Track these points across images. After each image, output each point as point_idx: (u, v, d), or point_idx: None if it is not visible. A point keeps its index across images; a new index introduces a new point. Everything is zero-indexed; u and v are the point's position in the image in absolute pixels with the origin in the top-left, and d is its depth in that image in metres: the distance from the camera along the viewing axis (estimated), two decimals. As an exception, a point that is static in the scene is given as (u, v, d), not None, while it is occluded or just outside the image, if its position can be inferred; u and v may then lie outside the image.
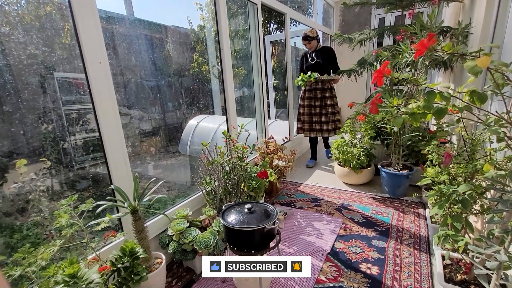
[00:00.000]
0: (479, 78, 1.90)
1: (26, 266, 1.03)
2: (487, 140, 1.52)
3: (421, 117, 0.91)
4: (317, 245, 1.92)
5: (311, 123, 3.42)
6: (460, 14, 2.65)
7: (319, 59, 3.26)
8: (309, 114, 3.41)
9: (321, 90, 3.32)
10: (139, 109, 3.24)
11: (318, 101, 3.34)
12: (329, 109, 3.34)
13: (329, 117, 3.35)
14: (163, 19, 3.38)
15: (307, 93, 3.39)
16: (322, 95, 3.32)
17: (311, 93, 3.36)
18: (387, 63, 1.00)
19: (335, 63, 3.30)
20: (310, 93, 3.37)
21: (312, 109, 3.39)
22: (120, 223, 1.58)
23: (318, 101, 3.34)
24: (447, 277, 1.35)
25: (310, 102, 3.39)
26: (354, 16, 5.41)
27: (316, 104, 3.35)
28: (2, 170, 1.60)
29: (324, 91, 3.32)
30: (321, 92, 3.32)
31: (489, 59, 0.76)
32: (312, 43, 3.21)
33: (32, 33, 1.79)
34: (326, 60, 3.25)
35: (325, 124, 3.38)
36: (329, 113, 3.34)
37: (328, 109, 3.34)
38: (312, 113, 3.40)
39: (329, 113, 3.34)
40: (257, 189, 2.13)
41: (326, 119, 3.36)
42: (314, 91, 3.33)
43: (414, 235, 1.98)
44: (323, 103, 3.35)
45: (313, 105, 3.37)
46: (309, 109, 3.39)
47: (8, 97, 1.65)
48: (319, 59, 3.26)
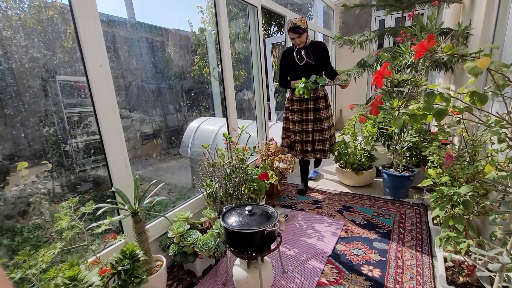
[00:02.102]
0: (479, 79, 1.90)
1: (27, 268, 1.03)
2: (488, 141, 1.52)
3: (422, 118, 0.91)
4: (318, 247, 1.91)
5: (303, 142, 2.67)
6: (460, 16, 2.65)
7: (310, 59, 2.46)
8: (301, 132, 2.66)
9: (314, 100, 2.55)
10: (140, 111, 3.25)
11: (312, 114, 2.58)
12: (325, 124, 2.60)
13: (326, 133, 2.61)
14: (164, 22, 3.41)
15: (296, 104, 2.61)
16: (316, 106, 2.57)
17: (301, 104, 2.59)
18: (387, 65, 1.00)
19: (330, 64, 2.59)
20: (300, 104, 2.60)
21: (304, 124, 2.64)
22: (120, 226, 1.58)
23: (312, 114, 2.58)
24: (449, 279, 1.34)
25: (301, 115, 2.62)
26: (354, 18, 5.43)
27: (309, 118, 2.59)
28: (3, 173, 1.61)
29: (318, 101, 2.55)
30: (315, 102, 2.56)
31: (489, 59, 0.76)
32: (303, 37, 2.41)
33: (34, 36, 1.80)
34: (319, 59, 2.49)
35: (321, 144, 2.64)
36: (326, 128, 2.60)
37: (324, 124, 2.59)
38: (304, 129, 2.64)
39: (325, 129, 2.60)
40: (258, 191, 2.13)
41: (322, 136, 2.62)
42: (306, 102, 2.57)
43: (416, 237, 1.96)
44: (317, 117, 2.59)
45: (305, 120, 2.62)
46: (301, 124, 2.64)
47: (9, 99, 1.66)
48: (310, 58, 2.46)
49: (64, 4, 1.91)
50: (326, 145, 2.63)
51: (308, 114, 2.59)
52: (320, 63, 2.51)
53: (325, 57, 2.52)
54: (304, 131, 2.64)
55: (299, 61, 2.49)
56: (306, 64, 2.48)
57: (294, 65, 2.53)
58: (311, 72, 2.41)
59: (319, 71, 2.52)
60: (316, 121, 2.61)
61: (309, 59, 2.46)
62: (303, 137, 2.66)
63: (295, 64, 2.53)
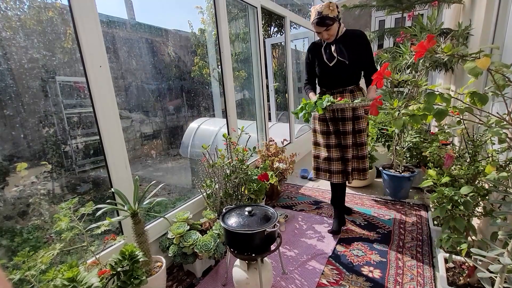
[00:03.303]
0: (479, 80, 1.90)
1: (26, 269, 1.02)
2: (488, 141, 1.51)
3: (422, 119, 0.90)
4: (319, 248, 1.91)
5: (337, 160, 1.98)
6: (460, 16, 2.65)
7: (342, 57, 1.82)
8: (335, 146, 1.97)
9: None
10: (140, 112, 3.25)
11: (349, 124, 1.90)
12: (364, 136, 1.95)
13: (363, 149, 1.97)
14: (164, 23, 3.41)
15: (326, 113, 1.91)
16: (353, 114, 1.90)
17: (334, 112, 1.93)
18: (387, 65, 0.99)
19: (372, 61, 1.87)
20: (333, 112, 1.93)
21: (337, 138, 1.97)
22: (120, 226, 1.57)
23: (349, 125, 1.90)
24: (450, 280, 1.34)
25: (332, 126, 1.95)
26: (355, 19, 5.43)
27: (346, 130, 1.92)
28: (3, 174, 1.61)
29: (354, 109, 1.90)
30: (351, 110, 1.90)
31: (489, 60, 0.76)
32: (332, 29, 1.77)
33: (34, 37, 1.80)
34: (356, 56, 1.83)
35: (355, 161, 2.01)
36: (363, 143, 1.96)
37: (362, 137, 1.95)
38: (337, 143, 1.97)
39: (363, 143, 1.96)
40: (258, 191, 2.12)
41: (356, 152, 1.98)
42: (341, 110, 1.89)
43: (416, 238, 1.96)
44: (354, 127, 1.92)
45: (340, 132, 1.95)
46: (333, 138, 1.97)
47: (9, 100, 1.66)
48: (343, 56, 1.82)
49: (64, 5, 1.91)
50: (359, 163, 2.00)
51: (343, 125, 1.92)
52: (357, 61, 1.84)
53: (365, 52, 1.83)
54: (338, 145, 1.97)
55: (328, 60, 1.86)
56: (338, 63, 1.85)
57: (323, 65, 1.90)
58: (345, 75, 1.87)
59: (357, 73, 1.90)
60: (352, 134, 1.93)
61: (341, 57, 1.82)
62: (338, 154, 1.98)
63: (323, 64, 1.89)
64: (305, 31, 4.66)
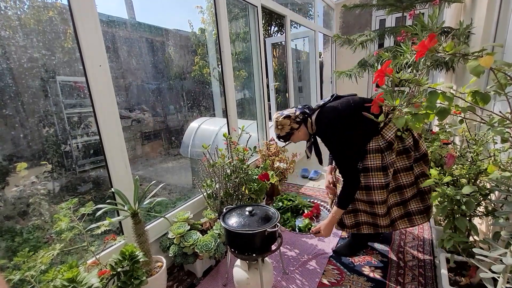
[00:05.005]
0: (481, 78, 1.88)
1: (26, 270, 1.02)
2: (491, 140, 1.50)
3: (424, 118, 0.89)
4: (319, 248, 1.90)
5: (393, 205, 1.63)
6: (461, 15, 2.64)
7: (317, 153, 1.74)
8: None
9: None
10: (140, 112, 3.24)
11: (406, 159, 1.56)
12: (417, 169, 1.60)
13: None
14: (164, 23, 3.41)
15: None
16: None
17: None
18: (389, 63, 0.99)
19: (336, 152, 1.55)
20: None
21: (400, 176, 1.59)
22: (120, 226, 1.57)
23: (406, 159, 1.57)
24: (452, 280, 1.33)
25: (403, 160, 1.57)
26: (355, 18, 5.41)
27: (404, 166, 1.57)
28: (3, 174, 1.61)
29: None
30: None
31: (492, 58, 0.75)
32: (296, 137, 1.64)
33: (33, 36, 1.80)
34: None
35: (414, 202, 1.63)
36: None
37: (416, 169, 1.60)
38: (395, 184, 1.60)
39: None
40: (258, 191, 2.12)
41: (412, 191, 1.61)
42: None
43: (417, 238, 1.95)
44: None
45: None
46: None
47: (9, 100, 1.66)
48: (317, 152, 1.74)
49: (64, 4, 1.91)
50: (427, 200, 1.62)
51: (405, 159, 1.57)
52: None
53: (328, 146, 1.57)
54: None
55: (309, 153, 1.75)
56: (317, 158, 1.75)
57: None
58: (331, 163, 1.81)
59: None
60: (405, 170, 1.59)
61: (316, 154, 1.73)
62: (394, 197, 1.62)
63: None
64: (305, 30, 4.65)
